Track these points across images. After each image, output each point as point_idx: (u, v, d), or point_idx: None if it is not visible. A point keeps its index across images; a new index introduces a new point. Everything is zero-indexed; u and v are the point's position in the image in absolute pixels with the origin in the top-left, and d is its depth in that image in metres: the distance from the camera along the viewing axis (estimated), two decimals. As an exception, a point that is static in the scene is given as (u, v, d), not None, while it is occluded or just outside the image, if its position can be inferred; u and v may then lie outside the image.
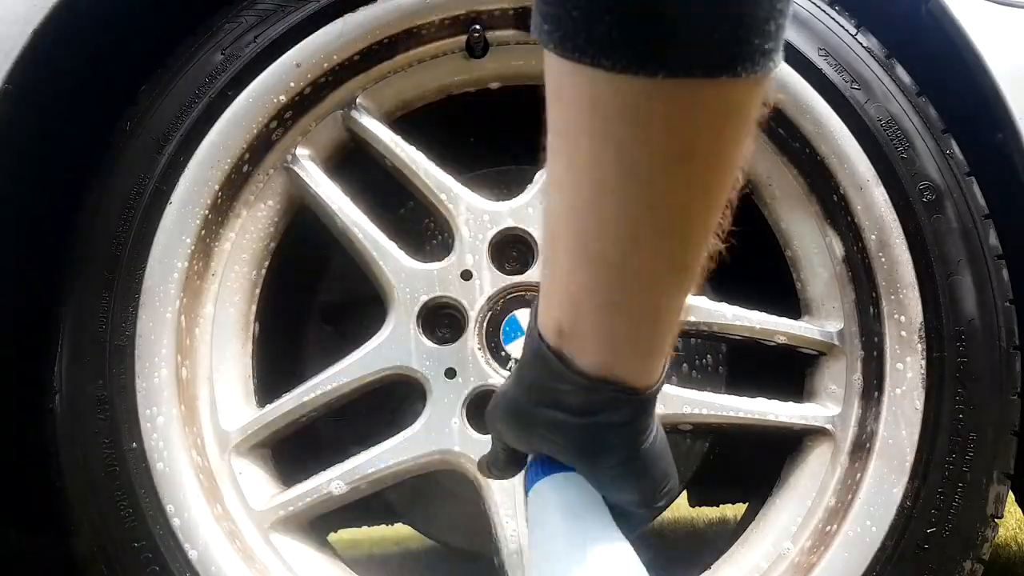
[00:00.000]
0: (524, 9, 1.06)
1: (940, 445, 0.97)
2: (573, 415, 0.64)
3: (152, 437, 0.98)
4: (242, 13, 1.03)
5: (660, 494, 0.69)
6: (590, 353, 0.61)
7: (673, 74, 0.47)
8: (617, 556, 0.67)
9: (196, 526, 0.98)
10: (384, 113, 1.11)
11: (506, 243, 1.06)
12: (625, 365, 0.61)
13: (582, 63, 0.49)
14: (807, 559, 1.00)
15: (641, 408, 0.64)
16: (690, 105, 0.49)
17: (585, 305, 0.59)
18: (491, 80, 1.12)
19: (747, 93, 0.50)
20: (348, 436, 1.16)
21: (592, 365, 0.61)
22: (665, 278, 0.58)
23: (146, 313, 1.00)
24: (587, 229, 0.56)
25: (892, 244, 1.00)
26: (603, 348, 0.61)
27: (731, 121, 0.51)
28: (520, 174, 1.11)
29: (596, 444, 0.65)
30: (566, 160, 0.56)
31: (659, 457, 0.68)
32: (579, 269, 0.58)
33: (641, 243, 0.55)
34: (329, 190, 1.07)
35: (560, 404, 0.64)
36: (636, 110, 0.49)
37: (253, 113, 1.03)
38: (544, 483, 0.72)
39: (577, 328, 0.61)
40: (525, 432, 0.70)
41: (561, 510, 0.69)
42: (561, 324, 0.62)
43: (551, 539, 0.69)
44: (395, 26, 1.04)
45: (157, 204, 1.01)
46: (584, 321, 0.60)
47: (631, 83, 0.48)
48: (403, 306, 1.03)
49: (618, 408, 0.63)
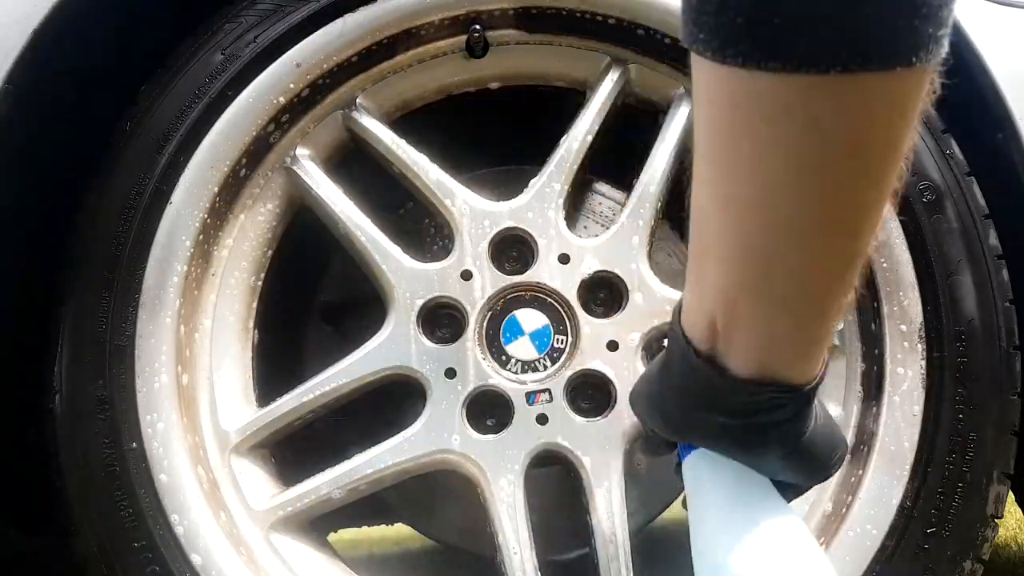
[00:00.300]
0: (524, 9, 1.06)
1: (940, 445, 0.97)
2: (731, 417, 0.62)
3: (152, 438, 0.98)
4: (242, 13, 1.03)
5: (828, 470, 0.68)
6: (746, 354, 0.59)
7: (849, 69, 0.47)
8: (785, 526, 0.65)
9: (197, 528, 0.98)
10: (384, 113, 1.11)
11: (506, 243, 1.06)
12: (785, 364, 0.59)
13: (746, 67, 0.48)
14: (807, 559, 1.00)
15: (803, 402, 0.62)
16: (864, 98, 0.49)
17: (743, 303, 0.58)
18: (491, 80, 1.12)
19: (919, 81, 0.50)
20: (348, 436, 1.16)
21: (748, 367, 0.59)
22: (833, 272, 0.56)
23: (146, 313, 1.00)
24: (750, 226, 0.55)
25: (892, 244, 1.00)
26: (761, 347, 0.59)
27: (904, 110, 0.51)
28: (520, 174, 1.11)
29: (757, 442, 0.64)
30: (724, 161, 0.55)
31: (824, 438, 0.66)
32: (738, 265, 0.57)
33: (810, 237, 0.54)
34: (329, 190, 1.07)
35: (715, 407, 0.62)
36: (806, 108, 0.49)
37: (253, 113, 1.03)
38: (698, 455, 0.69)
39: (733, 327, 0.59)
40: (678, 431, 0.68)
41: (720, 483, 0.67)
42: (714, 323, 0.60)
43: (714, 511, 0.67)
44: (395, 26, 1.04)
45: (157, 204, 1.01)
46: (741, 319, 0.58)
47: (798, 81, 0.48)
48: (403, 306, 1.04)
49: (780, 407, 0.61)
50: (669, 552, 1.08)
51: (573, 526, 1.08)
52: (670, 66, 1.07)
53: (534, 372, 1.04)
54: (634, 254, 1.04)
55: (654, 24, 1.04)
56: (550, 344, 1.04)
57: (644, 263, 1.04)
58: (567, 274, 1.04)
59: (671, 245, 1.22)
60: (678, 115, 1.08)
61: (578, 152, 1.06)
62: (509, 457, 1.02)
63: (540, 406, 1.02)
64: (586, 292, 1.04)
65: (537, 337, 1.04)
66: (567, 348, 1.04)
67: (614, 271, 1.04)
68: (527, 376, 1.04)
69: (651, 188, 1.05)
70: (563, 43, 1.08)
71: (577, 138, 1.06)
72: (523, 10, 1.06)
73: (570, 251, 1.04)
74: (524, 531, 1.01)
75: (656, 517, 1.30)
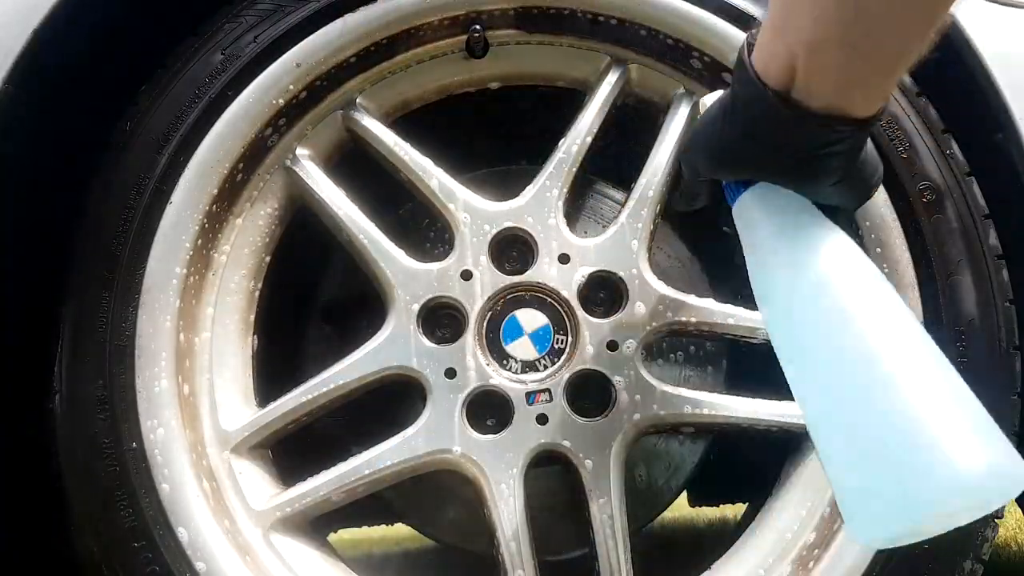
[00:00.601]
0: (524, 9, 1.06)
1: (940, 445, 0.97)
2: (795, 152, 0.66)
3: (152, 439, 0.98)
4: (242, 13, 1.03)
5: (870, 191, 0.74)
6: (822, 93, 0.63)
7: None
8: (838, 245, 0.70)
9: (198, 527, 0.98)
10: (384, 113, 1.11)
11: (506, 243, 1.06)
12: (856, 102, 0.63)
13: None
14: (808, 559, 1.00)
15: (865, 134, 0.67)
16: None
17: (826, 47, 0.61)
18: (491, 80, 1.12)
19: None
20: (348, 436, 1.16)
21: (823, 103, 0.63)
22: (917, 21, 0.60)
23: (146, 313, 1.00)
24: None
25: (892, 244, 1.00)
26: (838, 88, 0.63)
27: None
28: (520, 174, 1.11)
29: (816, 172, 0.68)
30: None
31: (869, 163, 0.71)
32: (828, 12, 0.60)
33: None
34: (329, 190, 1.07)
35: (782, 144, 0.66)
36: None
37: (253, 113, 1.03)
38: (749, 194, 0.74)
39: (813, 68, 0.62)
40: (735, 169, 0.73)
41: (776, 215, 0.73)
42: (794, 64, 0.63)
43: (772, 244, 0.72)
44: (395, 26, 1.04)
45: (157, 204, 1.01)
46: (822, 62, 0.62)
47: None
48: (403, 306, 1.04)
49: (843, 140, 0.65)
50: (669, 552, 1.08)
51: (573, 526, 1.08)
52: (670, 66, 1.07)
53: (534, 372, 1.04)
54: (634, 254, 1.04)
55: (656, 24, 1.04)
56: (550, 344, 1.04)
57: (644, 263, 1.04)
58: (567, 274, 1.04)
59: (671, 245, 1.22)
60: (678, 115, 1.08)
61: (578, 152, 1.06)
62: (509, 457, 1.02)
63: (540, 406, 1.02)
64: (586, 292, 1.04)
65: (537, 337, 1.04)
66: (567, 348, 1.04)
67: (614, 271, 1.04)
68: (527, 376, 1.04)
69: (651, 188, 1.05)
70: (563, 43, 1.08)
71: (577, 138, 1.06)
72: (523, 10, 1.06)
73: (570, 251, 1.04)
74: (524, 531, 1.01)
75: (656, 517, 1.30)
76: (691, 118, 1.07)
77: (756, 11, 1.02)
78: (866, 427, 0.65)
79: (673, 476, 1.23)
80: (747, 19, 1.02)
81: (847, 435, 0.67)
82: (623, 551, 1.01)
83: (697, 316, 1.04)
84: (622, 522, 1.02)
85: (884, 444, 0.63)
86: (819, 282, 0.69)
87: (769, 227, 0.73)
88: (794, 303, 0.71)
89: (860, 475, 0.65)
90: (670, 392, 1.03)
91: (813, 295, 0.69)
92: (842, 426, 0.67)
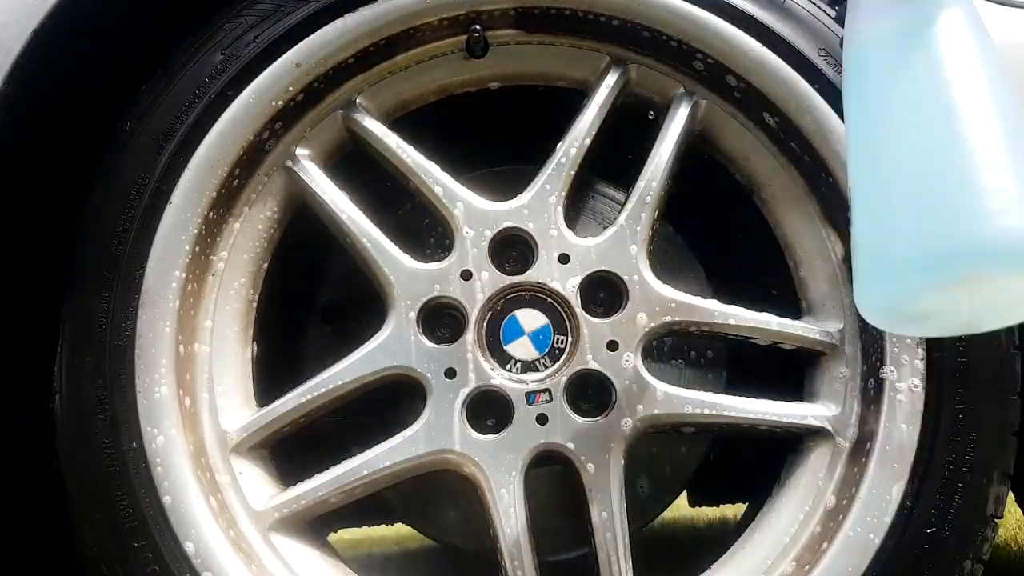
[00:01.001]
0: (524, 9, 1.06)
1: (940, 445, 0.97)
2: None
3: (152, 439, 0.98)
4: (242, 13, 1.03)
5: None
6: None
7: None
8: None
9: (198, 527, 0.98)
10: (384, 113, 1.11)
11: (506, 243, 1.06)
12: None
13: None
14: (808, 559, 1.00)
15: None
16: None
17: None
18: (491, 80, 1.12)
19: None
20: (348, 436, 1.16)
21: None
22: None
23: (146, 313, 1.00)
24: None
25: (892, 244, 1.00)
26: None
27: None
28: (520, 174, 1.11)
29: None
30: None
31: None
32: None
33: None
34: (329, 190, 1.07)
35: None
36: None
37: (253, 113, 1.03)
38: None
39: None
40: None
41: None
42: None
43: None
44: (395, 26, 1.05)
45: (157, 204, 1.01)
46: None
47: None
48: (403, 306, 1.04)
49: None
50: (669, 552, 1.08)
51: (573, 526, 1.08)
52: (670, 66, 1.07)
53: (534, 372, 1.04)
54: (634, 254, 1.04)
55: (657, 25, 1.04)
56: (550, 344, 1.04)
57: (644, 263, 1.04)
58: (567, 274, 1.04)
59: (670, 245, 1.22)
60: (678, 115, 1.08)
61: (578, 152, 1.06)
62: (509, 457, 1.02)
63: (540, 406, 1.02)
64: (586, 292, 1.04)
65: (537, 337, 1.04)
66: (567, 348, 1.04)
67: (614, 271, 1.04)
68: (527, 376, 1.04)
69: (651, 188, 1.05)
70: (563, 43, 1.08)
71: (577, 138, 1.06)
72: (523, 10, 1.06)
73: (570, 251, 1.04)
74: (524, 531, 1.01)
75: (656, 517, 1.30)
76: (691, 118, 1.07)
77: (756, 11, 1.02)
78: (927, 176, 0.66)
79: (673, 476, 1.23)
80: (748, 19, 1.02)
81: (904, 182, 0.68)
82: (623, 551, 1.01)
83: (700, 316, 1.04)
84: (622, 522, 1.02)
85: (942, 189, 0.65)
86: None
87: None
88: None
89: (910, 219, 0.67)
90: (670, 392, 1.03)
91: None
92: (897, 177, 0.69)
